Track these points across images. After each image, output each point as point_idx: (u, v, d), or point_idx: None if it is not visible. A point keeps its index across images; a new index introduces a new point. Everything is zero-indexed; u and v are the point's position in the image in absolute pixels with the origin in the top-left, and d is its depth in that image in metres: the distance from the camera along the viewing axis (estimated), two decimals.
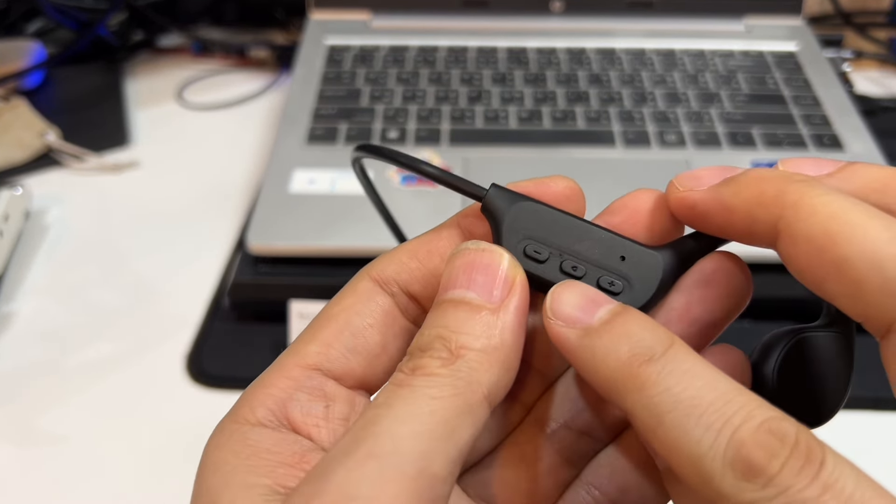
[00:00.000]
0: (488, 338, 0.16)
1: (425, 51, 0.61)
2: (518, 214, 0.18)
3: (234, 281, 0.45)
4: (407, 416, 0.15)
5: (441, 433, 0.15)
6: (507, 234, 0.18)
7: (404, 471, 0.14)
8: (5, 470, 0.38)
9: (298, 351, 0.18)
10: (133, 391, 0.42)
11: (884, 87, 0.66)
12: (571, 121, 0.54)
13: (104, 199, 0.55)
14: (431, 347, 0.16)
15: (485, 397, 0.16)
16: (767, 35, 0.63)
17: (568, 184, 0.19)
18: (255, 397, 0.17)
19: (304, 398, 0.17)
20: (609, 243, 0.18)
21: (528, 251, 0.18)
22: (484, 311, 0.17)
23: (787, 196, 0.16)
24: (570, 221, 0.18)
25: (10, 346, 0.44)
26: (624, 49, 0.61)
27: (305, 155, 0.51)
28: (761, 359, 0.19)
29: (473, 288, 0.17)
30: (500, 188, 0.19)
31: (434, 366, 0.16)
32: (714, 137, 0.52)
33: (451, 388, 0.15)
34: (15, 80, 0.63)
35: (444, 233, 0.19)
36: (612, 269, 0.18)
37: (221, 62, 0.70)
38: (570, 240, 0.18)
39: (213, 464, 0.16)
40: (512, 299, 0.17)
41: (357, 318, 0.18)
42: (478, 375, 0.16)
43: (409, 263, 0.19)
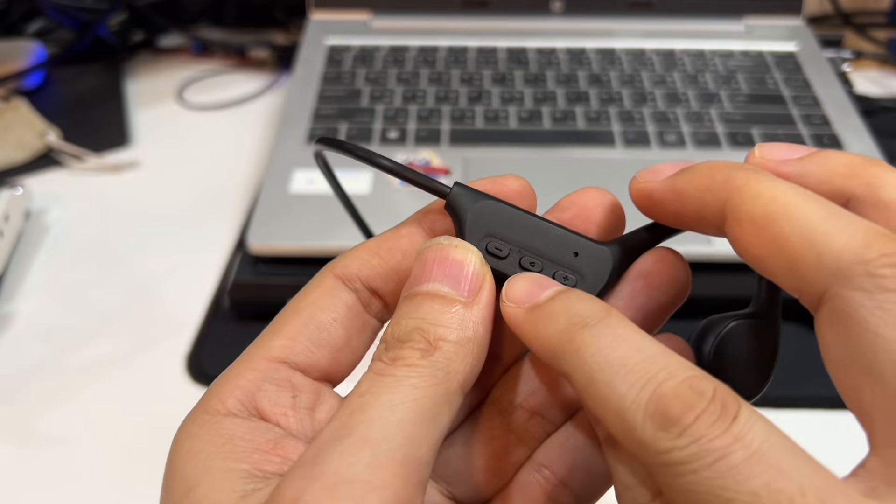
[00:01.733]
0: (463, 330, 0.17)
1: (425, 51, 0.61)
2: (480, 212, 0.19)
3: (234, 281, 0.45)
4: (394, 405, 0.16)
5: (425, 420, 0.16)
6: (470, 231, 0.19)
7: (394, 456, 0.15)
8: (5, 470, 0.38)
9: (265, 344, 0.19)
10: (133, 391, 0.42)
11: (883, 87, 0.66)
12: (571, 121, 0.54)
13: (104, 200, 0.55)
14: (411, 339, 0.17)
15: (460, 385, 0.17)
16: (767, 35, 0.63)
17: (520, 182, 0.20)
18: (224, 389, 0.18)
19: (271, 389, 0.18)
20: (563, 240, 0.19)
21: (489, 248, 0.19)
22: (458, 304, 0.18)
23: (733, 181, 0.17)
24: (527, 219, 0.19)
25: (11, 346, 0.44)
26: (624, 49, 0.61)
27: (305, 155, 0.51)
28: (697, 345, 0.21)
29: (447, 282, 0.18)
30: (463, 186, 0.20)
31: (414, 357, 0.17)
32: (714, 137, 0.52)
33: (431, 378, 0.17)
34: (15, 81, 0.63)
35: (405, 230, 0.20)
36: (567, 264, 0.19)
37: (221, 62, 0.70)
38: (527, 237, 0.19)
39: (187, 453, 0.17)
40: (483, 294, 0.18)
41: (321, 313, 0.19)
42: (454, 365, 0.17)
43: (370, 260, 0.20)
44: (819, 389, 0.41)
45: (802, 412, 0.40)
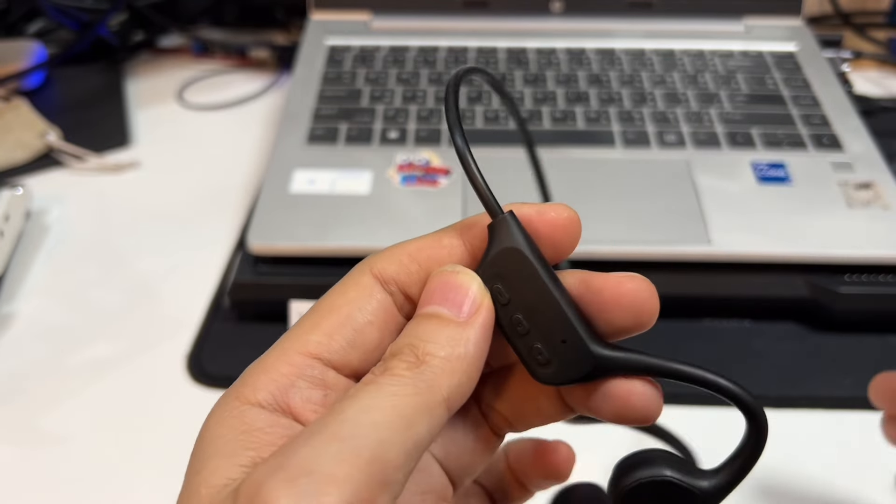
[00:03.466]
0: (453, 347, 0.18)
1: (425, 51, 0.61)
2: (505, 256, 0.19)
3: (234, 281, 0.45)
4: (369, 407, 0.17)
5: (399, 426, 0.16)
6: (486, 267, 0.19)
7: (360, 454, 0.16)
8: (5, 470, 0.38)
9: (300, 337, 0.19)
10: (134, 391, 0.42)
11: (883, 87, 0.66)
12: (571, 121, 0.54)
13: (105, 200, 0.55)
14: (401, 353, 0.18)
15: (444, 400, 0.17)
16: (767, 35, 0.63)
17: (569, 214, 0.20)
18: (259, 379, 0.18)
19: (304, 386, 0.18)
20: (560, 323, 0.19)
21: (493, 290, 0.19)
22: (452, 324, 0.18)
23: None
24: (541, 285, 0.19)
25: (11, 346, 0.44)
26: (623, 49, 0.61)
27: (306, 155, 0.51)
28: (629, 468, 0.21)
29: (445, 304, 0.19)
30: (513, 220, 0.19)
31: (400, 368, 0.18)
32: (713, 138, 0.52)
33: (412, 388, 0.17)
34: (16, 81, 0.64)
35: (447, 241, 0.20)
36: (550, 344, 0.19)
37: (222, 62, 0.70)
38: (532, 301, 0.19)
39: (211, 436, 0.18)
40: (478, 317, 0.19)
41: (359, 314, 0.19)
42: (439, 380, 0.17)
43: (409, 266, 0.20)
44: (819, 389, 0.41)
45: (802, 412, 0.40)
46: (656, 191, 0.48)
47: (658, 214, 0.47)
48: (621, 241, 0.45)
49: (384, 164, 0.50)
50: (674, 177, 0.49)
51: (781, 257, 0.44)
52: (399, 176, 0.49)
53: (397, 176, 0.49)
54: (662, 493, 0.20)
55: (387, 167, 0.50)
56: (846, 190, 0.48)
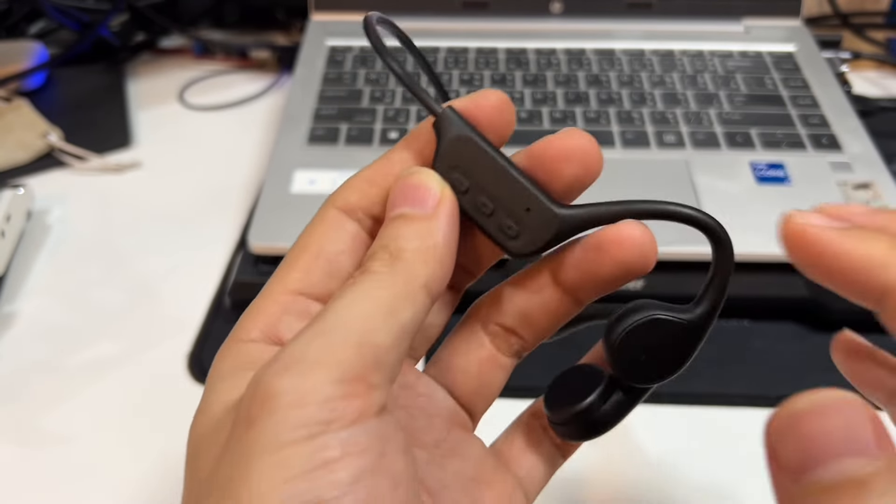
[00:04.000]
0: (422, 239, 0.19)
1: (425, 52, 0.61)
2: (455, 144, 0.20)
3: (235, 280, 0.45)
4: (351, 301, 0.18)
5: (382, 312, 0.18)
6: (441, 159, 0.20)
7: (348, 340, 0.17)
8: (6, 470, 0.38)
9: (282, 278, 0.20)
10: (135, 391, 0.42)
11: (882, 87, 0.66)
12: (571, 121, 0.54)
13: (106, 200, 0.55)
14: (375, 254, 0.19)
15: (422, 286, 0.18)
16: (766, 36, 0.63)
17: (499, 96, 0.21)
18: (249, 321, 0.20)
19: (291, 319, 0.20)
20: (521, 192, 0.20)
21: (452, 179, 0.20)
22: (419, 219, 0.19)
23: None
24: (495, 163, 0.20)
25: (12, 346, 0.44)
26: (623, 50, 0.61)
27: (306, 155, 0.51)
28: (614, 322, 0.21)
29: (409, 204, 0.20)
30: (453, 112, 0.21)
31: (376, 265, 0.19)
32: (713, 138, 0.53)
33: (389, 279, 0.18)
34: (17, 81, 0.64)
35: (396, 156, 0.21)
36: (515, 216, 0.20)
37: (223, 63, 0.71)
38: (490, 180, 0.20)
39: (215, 370, 0.20)
40: (442, 208, 0.20)
41: (330, 245, 0.20)
42: (414, 269, 0.18)
43: (368, 190, 0.21)
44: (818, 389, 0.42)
45: None
46: (656, 191, 0.48)
47: None
48: None
49: None
50: (673, 177, 0.49)
51: (781, 257, 0.44)
52: None
53: None
54: (654, 333, 0.21)
55: None
56: (845, 190, 0.48)
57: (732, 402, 0.41)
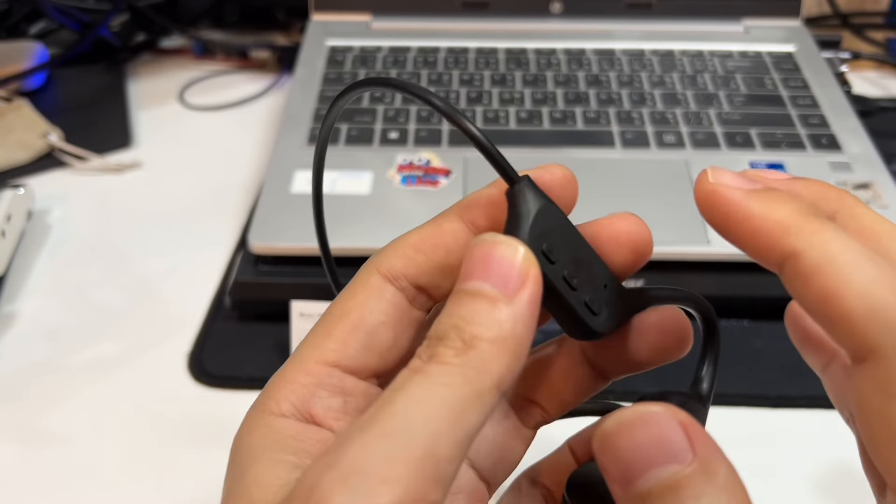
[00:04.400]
0: (500, 328, 0.17)
1: (425, 52, 0.61)
2: (544, 214, 0.19)
3: (235, 280, 0.45)
4: (419, 400, 0.16)
5: (450, 418, 0.16)
6: (533, 228, 0.19)
7: (411, 451, 0.15)
8: (7, 469, 0.38)
9: (317, 345, 0.19)
10: (135, 391, 0.42)
11: (881, 87, 0.66)
12: (571, 121, 0.54)
13: (106, 200, 0.55)
14: (447, 337, 0.17)
15: (494, 385, 0.17)
16: (766, 36, 0.63)
17: (565, 172, 0.21)
18: (280, 392, 0.19)
19: (324, 395, 0.19)
20: (600, 270, 0.20)
21: (545, 249, 0.19)
22: (497, 301, 0.17)
23: (806, 232, 0.17)
24: (578, 237, 0.20)
25: (13, 346, 0.44)
26: (623, 50, 0.61)
27: (307, 155, 0.51)
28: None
29: (489, 279, 0.17)
30: (531, 182, 0.19)
31: (448, 355, 0.17)
32: (712, 138, 0.53)
33: (461, 377, 0.16)
34: (17, 81, 0.64)
35: (448, 226, 0.20)
36: (596, 291, 0.19)
37: (223, 63, 0.71)
38: (575, 253, 0.19)
39: (245, 446, 0.18)
40: (525, 291, 0.17)
41: (370, 316, 0.19)
42: (488, 364, 0.17)
43: (415, 258, 0.20)
44: (818, 389, 0.41)
45: (802, 412, 0.41)
46: (655, 191, 0.48)
47: (657, 214, 0.47)
48: None
49: (384, 165, 0.50)
50: (673, 177, 0.49)
51: None
52: (399, 176, 0.49)
53: (398, 176, 0.49)
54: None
55: (387, 167, 0.50)
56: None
57: (732, 402, 0.41)
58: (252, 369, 0.43)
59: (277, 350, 0.43)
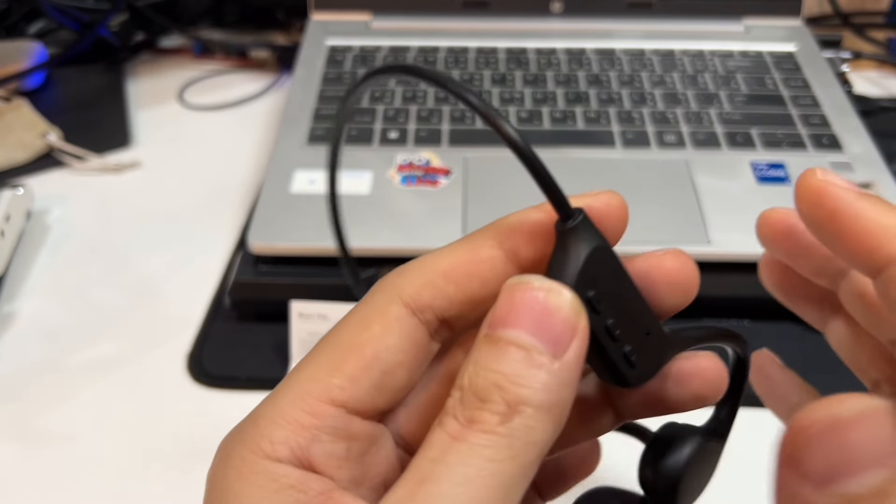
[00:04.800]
0: (548, 393, 0.15)
1: (425, 51, 0.61)
2: (597, 259, 0.17)
3: (234, 280, 0.45)
4: (466, 479, 0.15)
5: (497, 497, 0.15)
6: (582, 274, 0.17)
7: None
8: (6, 470, 0.38)
9: (321, 380, 0.17)
10: (134, 391, 0.42)
11: (882, 87, 0.66)
12: (571, 121, 0.54)
13: (106, 200, 0.55)
14: (490, 399, 0.15)
15: (538, 456, 0.15)
16: (766, 36, 0.63)
17: (618, 200, 0.19)
18: (275, 431, 0.16)
19: (327, 439, 0.17)
20: (644, 316, 0.18)
21: (592, 300, 0.17)
22: (545, 359, 0.15)
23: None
24: (627, 281, 0.18)
25: (12, 346, 0.44)
26: (623, 50, 0.61)
27: (306, 155, 0.51)
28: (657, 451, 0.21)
29: (536, 332, 0.16)
30: (587, 219, 0.17)
31: (493, 422, 0.15)
32: (713, 138, 0.52)
33: (508, 450, 0.15)
34: (16, 81, 0.64)
35: (485, 253, 0.18)
36: (636, 340, 0.18)
37: (222, 63, 0.70)
38: (622, 300, 0.17)
39: (233, 493, 0.16)
40: (573, 349, 0.16)
41: (387, 354, 0.17)
42: (535, 435, 0.15)
43: (446, 288, 0.17)
44: (819, 389, 0.41)
45: None
46: (656, 191, 0.48)
47: (658, 214, 0.47)
48: (621, 241, 0.45)
49: (384, 165, 0.50)
50: (673, 177, 0.49)
51: None
52: (399, 176, 0.49)
53: (397, 176, 0.49)
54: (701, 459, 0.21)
55: (387, 167, 0.50)
56: None
57: None
58: (251, 370, 0.43)
59: (277, 350, 0.43)
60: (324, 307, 0.41)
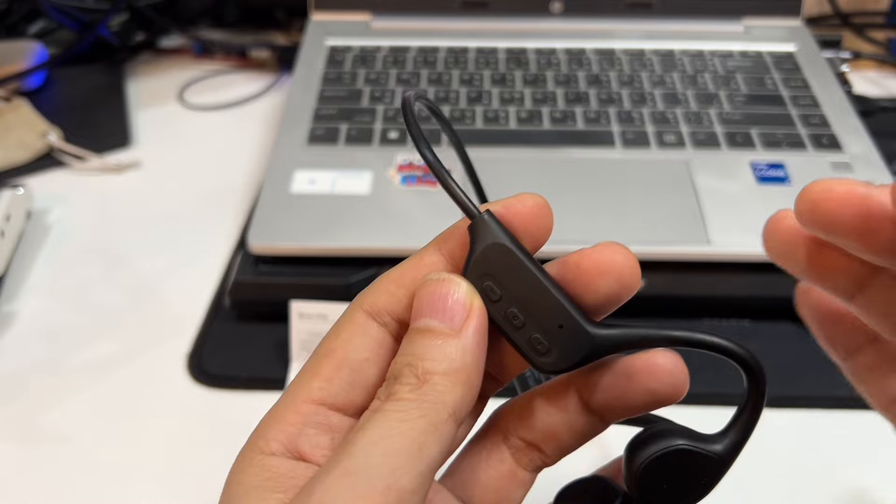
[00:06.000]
0: (450, 361, 0.18)
1: (425, 51, 0.61)
2: (490, 252, 0.19)
3: (234, 280, 0.45)
4: (378, 437, 0.17)
5: (409, 451, 0.17)
6: (474, 266, 0.19)
7: (374, 485, 0.16)
8: (6, 470, 0.38)
9: (305, 385, 0.20)
10: (134, 391, 0.42)
11: (882, 87, 0.66)
12: (571, 121, 0.54)
13: (106, 200, 0.55)
14: (402, 375, 0.18)
15: (450, 416, 0.18)
16: (766, 36, 0.63)
17: (536, 200, 0.20)
18: (269, 431, 0.19)
19: (312, 432, 0.19)
20: (554, 308, 0.19)
21: (485, 287, 0.19)
22: (446, 336, 0.18)
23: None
24: (530, 275, 0.19)
25: (12, 346, 0.44)
26: (623, 50, 0.61)
27: (306, 155, 0.51)
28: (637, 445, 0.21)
29: (436, 315, 0.19)
30: (491, 217, 0.20)
31: (404, 392, 0.18)
32: (713, 138, 0.52)
33: (417, 411, 0.18)
34: (16, 81, 0.64)
35: (427, 259, 0.21)
36: (547, 331, 0.19)
37: (222, 63, 0.70)
38: (524, 291, 0.19)
39: (236, 484, 0.19)
40: (470, 323, 0.19)
41: (354, 353, 0.20)
42: (442, 397, 0.18)
43: (397, 293, 0.20)
44: (818, 389, 0.42)
45: (801, 412, 0.41)
46: (656, 191, 0.48)
47: (657, 214, 0.47)
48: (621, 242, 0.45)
49: (384, 165, 0.50)
50: (673, 177, 0.49)
51: None
52: (399, 176, 0.49)
53: (397, 176, 0.49)
54: (679, 463, 0.20)
55: (387, 167, 0.50)
56: None
57: (733, 402, 0.41)
58: (251, 369, 0.43)
59: (276, 350, 0.43)
60: (324, 307, 0.42)
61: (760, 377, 0.20)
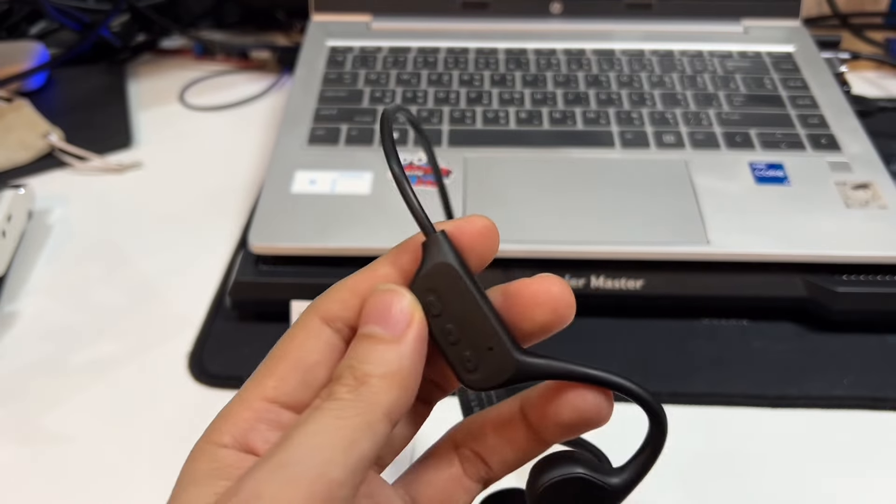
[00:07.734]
0: (388, 365, 0.19)
1: (425, 52, 0.61)
2: (436, 271, 0.21)
3: (235, 280, 0.45)
4: (313, 432, 0.18)
5: (341, 446, 0.18)
6: (421, 281, 0.21)
7: (305, 476, 0.17)
8: (7, 469, 0.38)
9: (259, 383, 0.21)
10: (135, 390, 0.42)
11: (880, 87, 0.66)
12: (570, 122, 0.54)
13: (107, 200, 0.55)
14: (342, 376, 0.19)
15: (384, 415, 0.19)
16: (765, 37, 0.63)
17: (483, 223, 0.22)
18: (223, 425, 0.20)
19: (263, 428, 0.20)
20: (487, 332, 0.21)
21: (427, 303, 0.21)
22: (386, 342, 0.20)
23: None
24: (470, 297, 0.21)
25: (13, 346, 0.44)
26: (623, 50, 0.61)
27: (307, 156, 0.51)
28: (544, 466, 0.22)
29: (380, 323, 0.20)
30: (444, 238, 0.21)
31: (342, 392, 0.19)
32: (712, 138, 0.53)
33: (353, 410, 0.19)
34: (18, 82, 0.64)
35: (381, 270, 0.22)
36: (477, 351, 0.21)
37: (223, 64, 0.71)
38: (461, 311, 0.21)
39: (188, 470, 0.20)
40: (410, 332, 0.20)
41: (307, 356, 0.21)
42: (378, 398, 0.19)
43: (350, 301, 0.21)
44: (817, 389, 0.42)
45: (800, 412, 0.41)
46: (655, 191, 0.49)
47: (657, 215, 0.47)
48: (620, 242, 0.45)
49: (385, 165, 0.50)
50: (672, 177, 0.50)
51: (779, 257, 0.45)
52: None
53: None
54: (575, 491, 0.22)
55: (387, 167, 0.50)
56: (844, 190, 0.48)
57: (732, 402, 0.41)
58: (252, 369, 0.42)
59: None
60: None
61: (662, 422, 0.21)
